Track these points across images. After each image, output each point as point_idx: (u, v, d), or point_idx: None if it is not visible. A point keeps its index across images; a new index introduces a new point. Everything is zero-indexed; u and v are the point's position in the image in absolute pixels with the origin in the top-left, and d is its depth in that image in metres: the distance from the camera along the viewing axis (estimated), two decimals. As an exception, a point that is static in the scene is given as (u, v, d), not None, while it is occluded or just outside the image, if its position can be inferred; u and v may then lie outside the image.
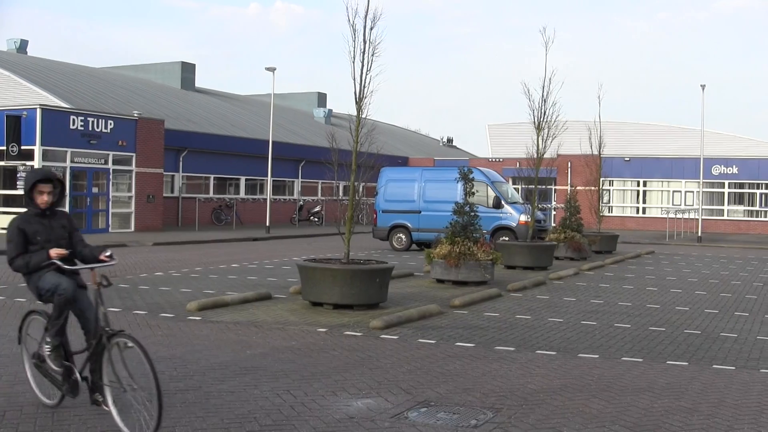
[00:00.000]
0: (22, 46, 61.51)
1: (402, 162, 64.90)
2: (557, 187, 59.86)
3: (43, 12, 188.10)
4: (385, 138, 66.30)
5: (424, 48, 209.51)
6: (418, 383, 9.97)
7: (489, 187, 32.01)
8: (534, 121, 26.85)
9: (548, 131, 26.92)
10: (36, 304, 9.34)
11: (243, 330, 13.50)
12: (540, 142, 26.88)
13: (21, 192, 36.84)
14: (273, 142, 46.86)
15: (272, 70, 45.56)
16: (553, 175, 44.59)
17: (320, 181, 60.69)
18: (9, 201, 38.25)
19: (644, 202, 60.35)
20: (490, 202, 31.79)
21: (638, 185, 60.39)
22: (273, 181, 50.66)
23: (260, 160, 51.46)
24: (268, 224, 44.47)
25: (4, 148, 36.92)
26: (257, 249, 33.03)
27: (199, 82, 70.24)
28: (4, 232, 14.06)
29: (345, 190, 20.91)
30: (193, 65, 69.18)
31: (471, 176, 21.38)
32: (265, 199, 49.06)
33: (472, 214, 20.87)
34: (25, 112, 37.25)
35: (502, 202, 31.95)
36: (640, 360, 11.73)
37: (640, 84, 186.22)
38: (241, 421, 8.23)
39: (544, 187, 40.60)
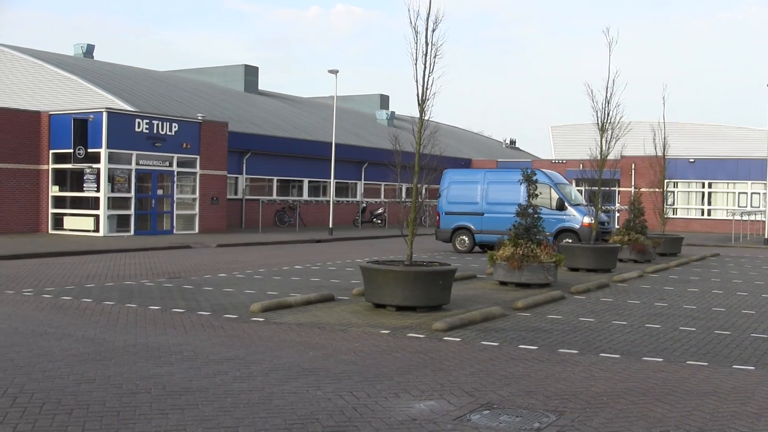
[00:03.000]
0: (89, 50, 62.36)
1: (465, 164, 64.77)
2: (621, 189, 59.34)
3: (108, 17, 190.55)
4: (448, 140, 66.30)
5: (486, 48, 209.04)
6: (481, 385, 9.95)
7: (552, 189, 31.83)
8: (597, 123, 26.66)
9: (612, 132, 26.70)
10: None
11: (306, 331, 13.55)
12: (603, 144, 26.68)
13: (88, 194, 37.44)
14: (336, 144, 47.03)
15: (335, 72, 45.72)
16: (616, 176, 44.12)
17: (383, 183, 60.78)
18: (76, 203, 38.78)
19: (709, 203, 59.64)
20: (553, 204, 31.63)
21: (703, 187, 59.69)
22: (336, 183, 50.85)
23: (323, 162, 51.67)
24: (330, 226, 44.63)
25: (72, 151, 37.46)
26: (320, 251, 33.14)
27: (262, 84, 70.75)
28: (71, 234, 14.34)
29: (408, 192, 20.89)
30: (256, 68, 69.59)
31: (534, 178, 21.27)
32: (328, 201, 49.20)
33: (535, 216, 20.76)
34: (91, 116, 37.74)
35: (566, 204, 31.78)
36: (705, 364, 11.60)
37: (705, 84, 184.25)
38: (303, 422, 8.26)
39: (607, 188, 40.25)
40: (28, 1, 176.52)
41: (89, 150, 37.44)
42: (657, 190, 37.03)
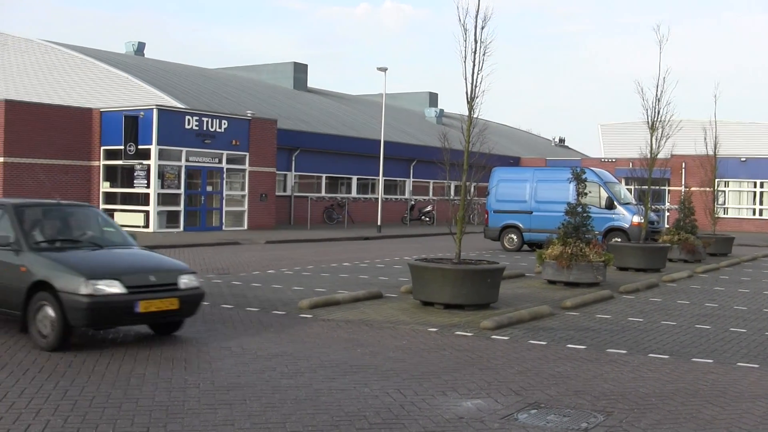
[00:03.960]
0: (139, 48, 62.92)
1: (513, 162, 64.56)
2: (671, 188, 58.85)
3: (158, 15, 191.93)
4: (497, 138, 66.07)
5: (535, 46, 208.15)
6: (529, 384, 9.92)
7: (601, 188, 31.64)
8: (647, 121, 26.48)
9: (662, 131, 26.52)
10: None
11: (354, 328, 13.58)
12: (653, 142, 26.51)
13: (138, 190, 37.77)
14: (384, 141, 47.03)
15: (384, 70, 45.72)
16: (666, 175, 43.79)
17: (432, 181, 60.74)
18: (127, 199, 39.12)
19: (761, 203, 58.97)
20: (603, 202, 31.44)
21: (755, 186, 59.01)
22: (384, 180, 50.83)
23: (372, 160, 51.70)
24: (379, 223, 44.62)
25: (122, 147, 37.79)
26: (368, 248, 33.19)
27: (311, 82, 70.87)
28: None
29: (456, 189, 20.83)
30: (305, 65, 69.80)
31: (583, 177, 21.17)
32: (377, 199, 49.24)
33: (585, 214, 20.65)
34: (142, 113, 38.05)
35: (615, 203, 31.57)
36: (757, 366, 11.48)
37: (758, 82, 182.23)
38: (351, 418, 8.28)
39: (657, 187, 39.93)
40: (80, 0, 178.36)
41: (140, 147, 37.74)
42: (708, 189, 36.75)
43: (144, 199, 38.23)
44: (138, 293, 11.55)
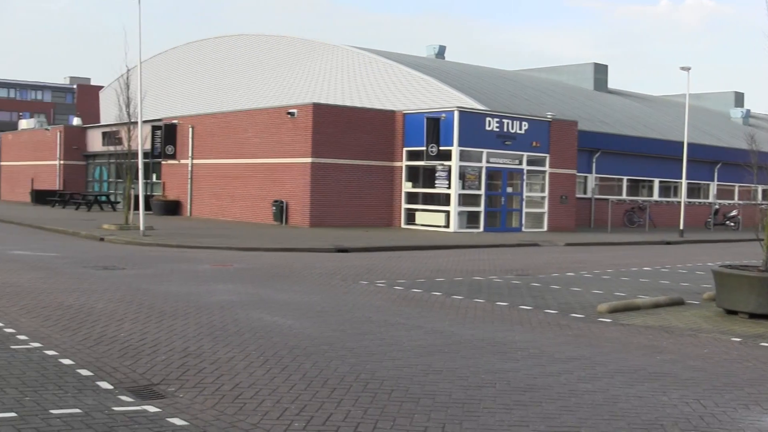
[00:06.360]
0: (440, 51, 64.27)
1: (828, 165, 61.34)
2: None
3: (458, 18, 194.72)
4: (809, 139, 62.95)
5: None
6: (839, 401, 9.43)
7: None
8: None
9: None
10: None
11: (653, 334, 13.33)
12: None
13: (439, 191, 38.50)
14: (688, 143, 45.83)
15: (687, 69, 44.54)
16: None
17: (737, 185, 58.70)
18: (428, 199, 39.97)
19: None
20: None
21: None
22: (687, 183, 49.57)
23: (673, 162, 50.54)
24: (681, 228, 43.51)
25: (424, 148, 38.66)
26: (670, 252, 32.45)
27: (611, 82, 70.10)
28: (422, 229, 14.69)
29: (764, 193, 19.99)
30: (605, 66, 69.13)
31: None
32: (679, 202, 48.08)
33: None
34: (443, 114, 38.80)
35: None
36: None
37: None
38: (648, 427, 8.14)
39: None
40: (381, 5, 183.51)
41: (441, 148, 38.51)
42: None
43: (445, 199, 38.95)
44: None
